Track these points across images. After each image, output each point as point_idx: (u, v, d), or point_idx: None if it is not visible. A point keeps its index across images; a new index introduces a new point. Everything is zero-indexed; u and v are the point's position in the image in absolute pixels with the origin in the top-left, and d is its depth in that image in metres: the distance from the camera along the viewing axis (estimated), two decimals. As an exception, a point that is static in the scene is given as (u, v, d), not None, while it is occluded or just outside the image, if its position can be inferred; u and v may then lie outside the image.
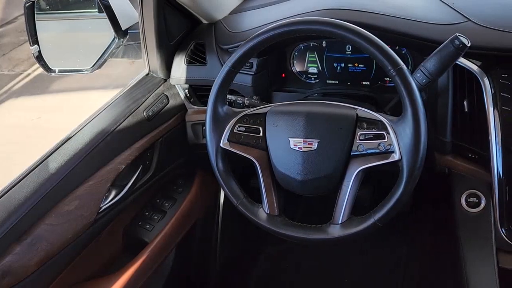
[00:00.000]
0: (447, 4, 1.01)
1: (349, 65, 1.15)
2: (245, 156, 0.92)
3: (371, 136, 0.83)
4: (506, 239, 0.96)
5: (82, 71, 1.19)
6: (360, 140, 0.84)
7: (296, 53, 1.19)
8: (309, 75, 1.20)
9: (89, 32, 1.39)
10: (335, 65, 1.17)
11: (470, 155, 0.99)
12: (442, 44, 0.83)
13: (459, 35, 0.81)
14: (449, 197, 1.03)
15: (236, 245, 1.65)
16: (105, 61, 1.17)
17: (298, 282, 1.60)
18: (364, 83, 1.16)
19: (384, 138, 0.82)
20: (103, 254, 1.13)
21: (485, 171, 0.96)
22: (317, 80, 1.20)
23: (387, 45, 1.05)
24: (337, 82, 1.18)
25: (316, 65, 1.19)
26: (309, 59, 1.19)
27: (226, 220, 1.55)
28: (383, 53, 0.78)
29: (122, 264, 1.11)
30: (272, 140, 0.90)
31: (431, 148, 1.03)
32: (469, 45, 0.81)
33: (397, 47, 1.08)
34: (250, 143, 0.91)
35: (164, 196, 1.29)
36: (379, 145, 0.82)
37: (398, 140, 0.80)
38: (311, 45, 1.17)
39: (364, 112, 0.86)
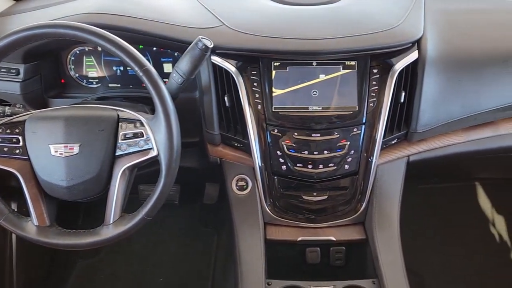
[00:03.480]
0: (208, 10, 1.11)
1: (128, 68, 1.18)
2: (4, 169, 0.86)
3: (131, 135, 0.87)
4: (270, 213, 1.12)
5: None
6: (122, 140, 0.87)
7: (73, 58, 1.17)
8: (90, 80, 1.19)
9: None
10: (115, 68, 1.18)
11: (236, 144, 1.11)
12: (189, 46, 0.91)
13: (202, 38, 0.90)
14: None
15: (41, 264, 1.53)
16: None
17: None
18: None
19: (143, 136, 0.86)
20: None
21: (249, 157, 1.09)
22: (99, 84, 1.19)
23: (154, 48, 1.11)
24: (119, 85, 1.20)
25: (95, 69, 1.18)
26: (87, 63, 1.18)
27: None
28: (128, 56, 0.82)
29: None
30: (33, 148, 0.87)
31: (205, 141, 1.13)
32: (211, 46, 0.90)
33: (169, 50, 1.15)
34: (8, 154, 0.86)
35: None
36: (139, 143, 0.86)
37: (155, 137, 0.85)
38: (86, 49, 1.16)
39: (125, 112, 0.89)
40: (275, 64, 1.03)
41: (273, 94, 1.03)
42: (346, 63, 1.03)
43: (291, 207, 1.11)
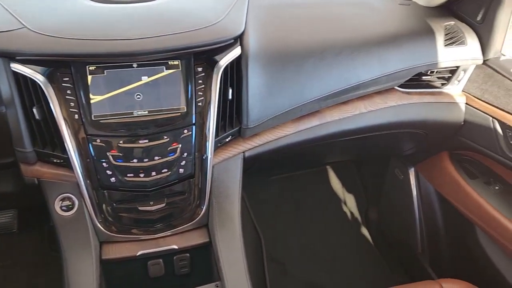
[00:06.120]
0: (7, 10, 0.97)
1: None
2: None
3: None
4: (105, 230, 1.03)
5: None
6: None
7: None
8: None
9: None
10: None
11: (55, 160, 0.99)
12: None
13: None
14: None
15: None
16: None
17: None
18: None
19: None
20: None
21: (72, 173, 0.98)
22: None
23: None
24: None
25: None
26: None
27: None
28: None
29: None
30: None
31: (16, 162, 0.99)
32: None
33: None
34: None
35: None
36: None
37: None
38: None
39: None
40: (91, 68, 0.94)
41: (91, 102, 0.94)
42: (169, 62, 0.98)
43: (127, 221, 1.04)
